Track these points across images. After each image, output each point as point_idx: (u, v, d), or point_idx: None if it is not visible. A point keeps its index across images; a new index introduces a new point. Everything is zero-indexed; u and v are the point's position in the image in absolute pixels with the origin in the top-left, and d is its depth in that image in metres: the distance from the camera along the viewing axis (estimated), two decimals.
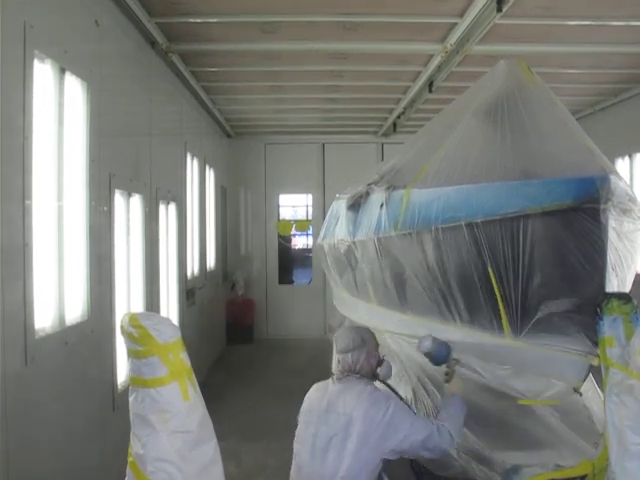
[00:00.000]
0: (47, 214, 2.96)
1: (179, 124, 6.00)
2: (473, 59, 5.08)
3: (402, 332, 3.63)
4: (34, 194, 2.71)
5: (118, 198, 3.92)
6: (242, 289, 9.15)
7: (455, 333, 3.09)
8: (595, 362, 2.43)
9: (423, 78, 5.86)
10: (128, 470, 1.57)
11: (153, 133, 4.79)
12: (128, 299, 4.04)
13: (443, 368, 3.04)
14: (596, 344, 2.36)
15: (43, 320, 2.85)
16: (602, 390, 2.36)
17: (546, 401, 2.74)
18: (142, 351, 1.58)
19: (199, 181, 6.89)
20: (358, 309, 4.46)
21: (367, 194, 3.91)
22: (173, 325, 1.69)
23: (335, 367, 2.91)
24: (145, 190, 4.48)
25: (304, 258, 10.88)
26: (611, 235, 2.44)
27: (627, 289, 2.72)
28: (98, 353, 3.52)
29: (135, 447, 1.57)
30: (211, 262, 7.77)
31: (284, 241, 10.21)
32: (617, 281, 2.56)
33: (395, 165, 3.93)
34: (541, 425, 2.75)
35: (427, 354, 2.98)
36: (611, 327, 2.24)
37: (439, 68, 5.45)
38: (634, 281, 2.88)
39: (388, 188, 3.59)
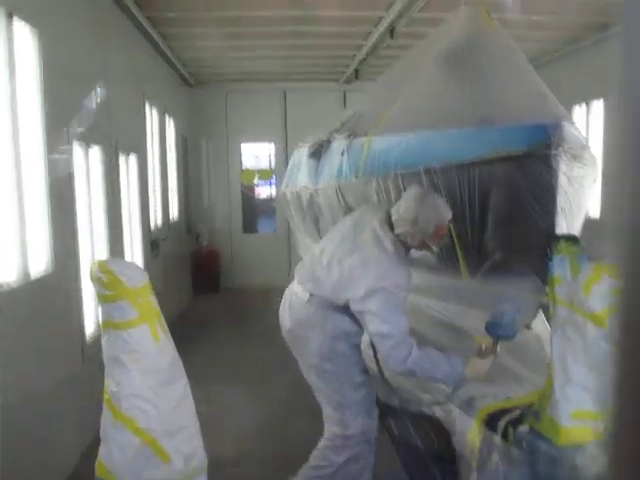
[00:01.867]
0: (5, 169, 2.91)
1: (136, 73, 5.84)
2: (435, 4, 5.06)
3: None
4: None
5: (77, 149, 3.86)
6: (206, 240, 9.16)
7: (416, 277, 3.21)
8: (545, 300, 2.58)
9: (385, 23, 5.81)
10: (105, 408, 1.64)
11: (110, 83, 4.67)
12: (92, 251, 4.04)
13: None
14: (546, 283, 2.50)
15: (8, 275, 2.85)
16: (550, 325, 2.52)
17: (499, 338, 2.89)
18: (112, 295, 1.63)
19: (159, 131, 6.77)
20: None
21: (328, 142, 3.94)
22: (141, 270, 1.74)
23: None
24: (104, 141, 4.41)
25: (268, 207, 10.88)
26: (562, 180, 2.55)
27: (576, 232, 2.86)
28: (65, 305, 3.54)
29: (110, 386, 1.64)
30: (174, 213, 7.74)
31: (247, 191, 10.18)
32: (566, 224, 2.69)
33: (356, 113, 3.96)
34: (494, 360, 2.92)
35: (501, 324, 2.58)
36: (559, 267, 2.37)
37: (400, 13, 5.41)
38: (583, 224, 3.02)
39: (349, 136, 3.63)
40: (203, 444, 1.77)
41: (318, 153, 4.05)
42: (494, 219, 2.67)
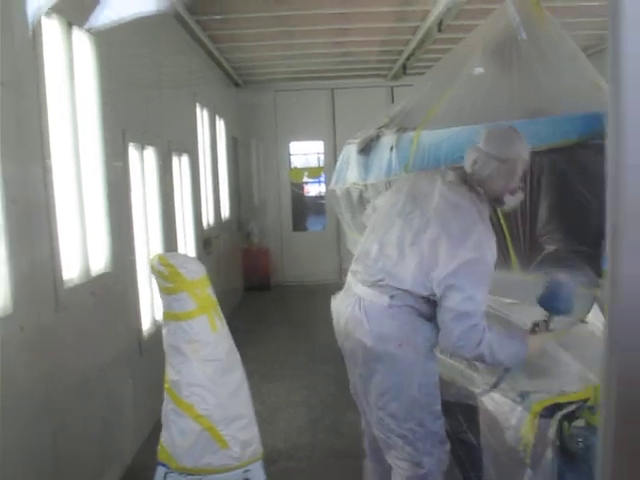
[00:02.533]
0: (66, 171, 3.05)
1: (187, 75, 6.00)
2: None
3: None
4: (52, 152, 2.79)
5: (132, 151, 3.99)
6: (257, 237, 9.29)
7: None
8: (600, 293, 2.52)
9: (432, 17, 5.76)
10: (165, 395, 1.71)
11: (162, 85, 4.82)
12: (148, 250, 4.17)
13: None
14: (601, 276, 2.44)
15: (70, 272, 2.99)
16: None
17: (555, 332, 2.84)
18: (172, 287, 1.70)
19: (210, 132, 6.92)
20: None
21: (377, 137, 3.94)
22: (199, 263, 1.81)
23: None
24: (158, 142, 4.54)
25: (317, 205, 10.93)
26: None
27: None
28: (123, 301, 3.68)
29: (170, 374, 1.71)
30: (225, 212, 7.88)
31: (297, 189, 10.26)
32: None
33: (404, 107, 3.95)
34: (548, 354, 2.87)
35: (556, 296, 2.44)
36: None
37: (448, 6, 5.35)
38: None
39: (398, 130, 3.62)
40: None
41: (367, 149, 4.06)
42: (547, 211, 2.62)
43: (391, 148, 3.65)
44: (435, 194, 2.40)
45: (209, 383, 1.70)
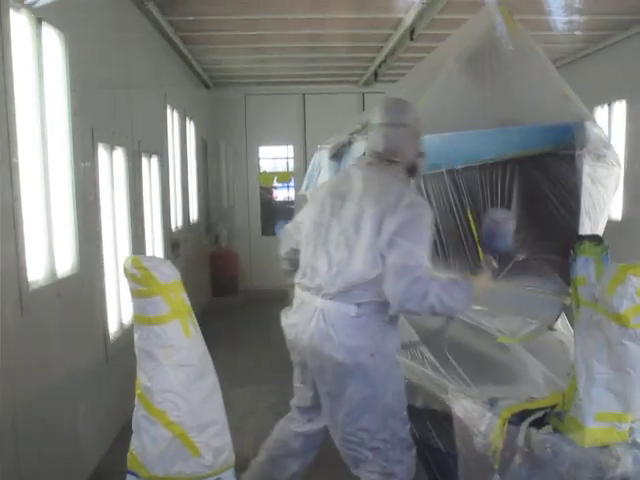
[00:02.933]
0: (33, 170, 2.97)
1: (158, 75, 5.92)
2: (455, 6, 5.06)
3: None
4: (19, 151, 2.72)
5: (101, 152, 3.92)
6: (225, 241, 9.22)
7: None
8: (567, 301, 2.57)
9: (404, 25, 5.81)
10: (137, 401, 1.67)
11: (132, 85, 4.74)
12: (115, 252, 4.10)
13: None
14: (569, 284, 2.49)
15: (36, 274, 2.91)
16: (572, 326, 2.51)
17: (522, 338, 2.89)
18: (145, 291, 1.67)
19: (180, 134, 6.84)
20: None
21: (349, 143, 3.96)
22: (173, 267, 1.78)
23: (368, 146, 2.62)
24: (127, 143, 4.47)
25: (286, 210, 10.91)
26: (585, 180, 2.54)
27: (600, 232, 2.85)
28: (89, 304, 3.59)
29: (142, 380, 1.67)
30: (194, 215, 7.80)
31: (266, 193, 10.23)
32: (590, 224, 2.68)
33: None
34: (517, 360, 2.91)
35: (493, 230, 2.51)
36: (583, 267, 2.36)
37: (421, 15, 5.42)
38: (606, 225, 3.01)
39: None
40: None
41: (339, 154, 4.07)
42: (517, 219, 2.66)
43: (363, 154, 3.66)
44: (359, 181, 2.49)
45: (182, 389, 1.67)
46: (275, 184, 10.56)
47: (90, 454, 3.47)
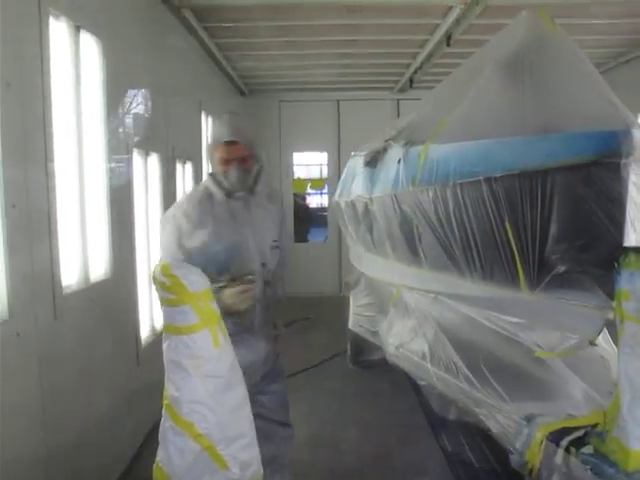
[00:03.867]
0: (69, 175, 3.00)
1: (193, 82, 5.96)
2: (493, 10, 4.97)
3: (419, 287, 3.68)
4: (56, 156, 2.74)
5: (136, 157, 3.95)
6: None
7: (472, 288, 3.12)
8: (610, 315, 2.46)
9: (441, 31, 5.74)
10: (164, 412, 1.64)
11: (168, 92, 4.78)
12: (148, 257, 4.12)
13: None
14: (612, 298, 2.38)
15: (69, 278, 2.93)
16: (616, 343, 2.40)
17: (561, 353, 2.78)
18: (174, 300, 1.63)
19: None
20: (375, 265, 4.50)
21: (384, 150, 3.91)
22: (203, 275, 1.75)
23: None
24: (162, 149, 4.50)
25: (319, 217, 10.90)
26: (631, 190, 2.43)
27: None
28: (122, 309, 3.61)
29: (170, 390, 1.64)
30: None
31: (299, 199, 10.22)
32: (635, 236, 2.56)
33: (413, 120, 3.91)
34: (555, 376, 2.80)
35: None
36: (628, 281, 2.25)
37: (458, 21, 5.34)
38: None
39: (406, 144, 3.58)
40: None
41: (374, 161, 4.02)
42: (558, 230, 2.56)
43: (399, 161, 3.60)
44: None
45: (210, 401, 1.63)
46: (309, 190, 10.57)
47: (120, 457, 3.47)
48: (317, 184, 10.36)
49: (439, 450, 3.87)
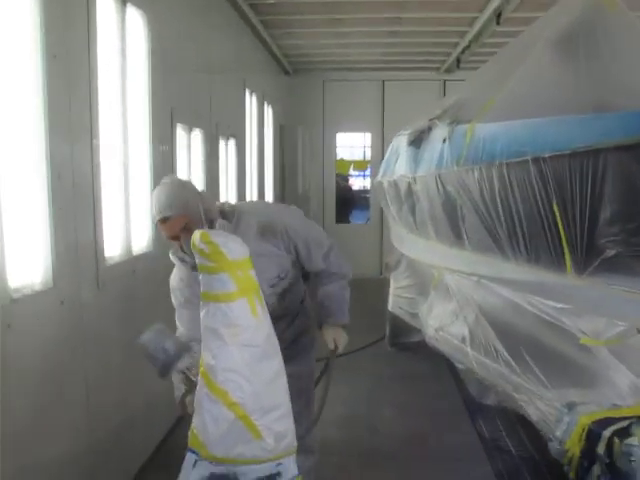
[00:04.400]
0: (113, 148, 3.02)
1: (237, 59, 5.95)
2: None
3: (461, 269, 3.61)
4: (101, 128, 2.77)
5: (180, 132, 3.97)
6: None
7: (516, 271, 3.05)
8: None
9: (491, 8, 5.57)
10: (200, 380, 1.65)
11: (212, 68, 4.78)
12: None
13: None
14: None
15: (112, 250, 2.98)
16: None
17: (608, 341, 2.69)
18: (213, 267, 1.63)
19: (258, 118, 6.88)
20: (416, 246, 4.45)
21: (429, 129, 3.83)
22: (242, 244, 1.74)
23: None
24: (205, 125, 4.51)
25: (361, 199, 10.83)
26: None
27: None
28: (164, 282, 3.65)
29: (206, 358, 1.64)
30: (269, 199, 7.85)
31: (342, 180, 10.17)
32: None
33: (459, 99, 3.81)
34: (600, 364, 2.71)
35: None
36: None
37: None
38: None
39: (451, 123, 3.50)
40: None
41: (418, 141, 3.95)
42: (609, 212, 2.46)
43: (444, 140, 3.53)
44: None
45: (246, 370, 1.63)
46: (351, 172, 10.49)
47: (158, 428, 3.53)
48: (360, 165, 10.27)
49: (476, 436, 3.83)
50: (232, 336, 1.62)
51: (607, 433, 2.39)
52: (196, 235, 1.65)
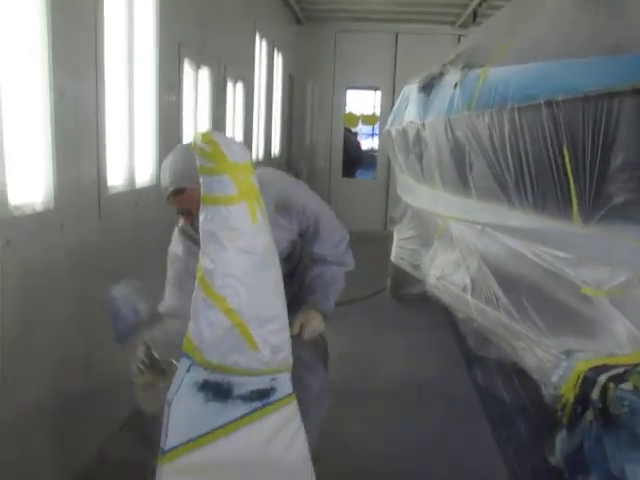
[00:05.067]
0: (118, 81, 2.97)
1: (249, 1, 5.80)
2: None
3: (467, 218, 3.58)
4: (106, 54, 2.71)
5: (187, 69, 3.89)
6: (305, 179, 9.18)
7: (521, 219, 3.01)
8: None
9: None
10: (197, 284, 1.63)
11: (221, 6, 4.65)
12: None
13: None
14: None
15: (115, 180, 2.96)
16: None
17: (610, 291, 2.67)
18: (213, 168, 1.59)
19: (267, 65, 6.75)
20: (422, 195, 4.41)
21: (440, 75, 3.74)
22: (245, 147, 1.70)
23: None
24: (213, 64, 4.42)
25: (369, 157, 10.73)
26: None
27: None
28: (166, 217, 3.63)
29: (204, 263, 1.62)
30: (276, 149, 7.78)
31: (351, 134, 10.06)
32: None
33: (473, 44, 3.72)
34: (600, 313, 2.70)
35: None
36: None
37: None
38: None
39: (464, 67, 3.41)
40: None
41: (429, 87, 3.87)
42: (621, 158, 2.41)
43: (455, 85, 3.45)
44: None
45: (244, 277, 1.61)
46: (360, 127, 10.37)
47: None
48: (369, 120, 10.13)
49: (472, 385, 3.87)
50: (231, 240, 1.59)
51: (602, 379, 2.38)
52: (197, 135, 1.60)
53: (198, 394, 1.62)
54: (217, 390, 1.63)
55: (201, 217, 1.64)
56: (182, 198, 1.99)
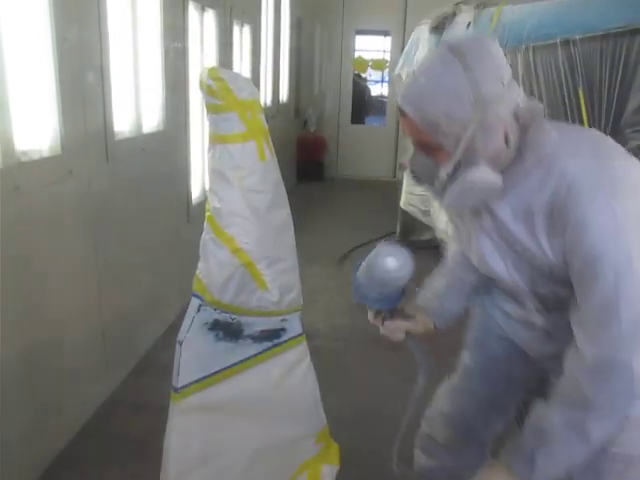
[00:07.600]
0: (122, 20, 2.89)
1: None
2: None
3: None
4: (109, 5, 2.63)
5: (192, 11, 3.79)
6: (314, 125, 9.06)
7: None
8: None
9: None
10: (205, 224, 1.63)
11: None
12: (203, 117, 4.06)
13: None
14: None
15: (122, 125, 2.92)
16: None
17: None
18: (220, 105, 1.56)
19: (274, 7, 6.56)
20: None
21: (453, 14, 3.63)
22: (252, 84, 1.66)
23: None
24: (219, 7, 4.30)
25: (378, 103, 10.53)
26: None
27: None
28: (174, 163, 3.62)
29: (212, 202, 1.61)
30: (284, 95, 7.64)
31: (360, 79, 9.86)
32: None
33: None
34: None
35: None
36: None
37: None
38: None
39: (477, 6, 3.31)
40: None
41: (441, 27, 3.76)
42: (638, 99, 2.35)
43: (468, 25, 3.35)
44: None
45: (252, 216, 1.59)
46: (369, 71, 10.14)
47: (170, 308, 3.61)
48: (378, 64, 9.88)
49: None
50: (239, 179, 1.57)
51: None
52: (204, 72, 1.57)
53: (209, 333, 1.63)
54: (227, 329, 1.64)
55: (209, 156, 1.62)
56: (406, 123, 1.05)
